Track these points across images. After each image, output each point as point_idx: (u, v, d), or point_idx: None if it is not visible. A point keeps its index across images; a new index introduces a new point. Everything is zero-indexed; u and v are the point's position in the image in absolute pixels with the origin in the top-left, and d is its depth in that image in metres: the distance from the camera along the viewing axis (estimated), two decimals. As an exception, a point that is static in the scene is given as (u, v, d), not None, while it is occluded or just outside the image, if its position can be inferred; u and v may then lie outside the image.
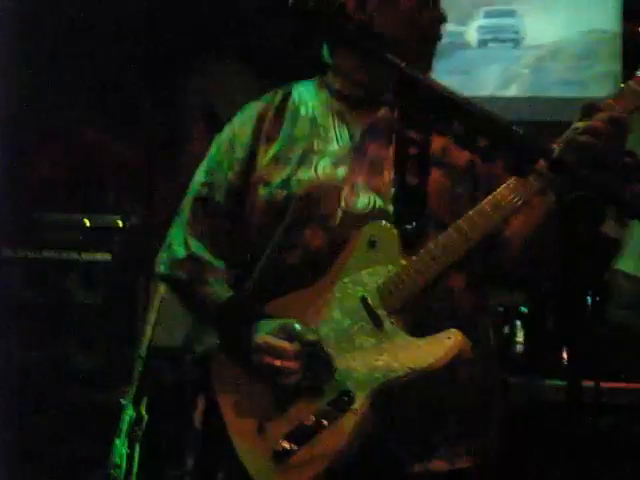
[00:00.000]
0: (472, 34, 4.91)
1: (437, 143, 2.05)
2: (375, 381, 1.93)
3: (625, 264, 3.50)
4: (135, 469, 3.87)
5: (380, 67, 1.91)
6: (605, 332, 3.56)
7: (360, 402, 1.93)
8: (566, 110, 4.82)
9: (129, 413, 3.93)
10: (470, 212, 1.92)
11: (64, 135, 5.02)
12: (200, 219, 2.20)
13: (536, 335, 3.65)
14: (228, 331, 2.12)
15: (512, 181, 1.87)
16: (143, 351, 4.03)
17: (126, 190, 5.09)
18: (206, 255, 2.17)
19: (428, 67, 2.01)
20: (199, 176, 2.23)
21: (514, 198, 1.86)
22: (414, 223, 1.99)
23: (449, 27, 4.70)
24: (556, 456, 3.30)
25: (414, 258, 1.94)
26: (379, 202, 2.03)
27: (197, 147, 6.03)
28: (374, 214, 2.02)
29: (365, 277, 1.99)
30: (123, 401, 3.95)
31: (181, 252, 2.19)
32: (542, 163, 1.44)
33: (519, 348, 3.75)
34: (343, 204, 2.03)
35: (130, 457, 3.88)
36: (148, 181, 5.63)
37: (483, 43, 4.89)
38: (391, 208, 2.02)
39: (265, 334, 2.00)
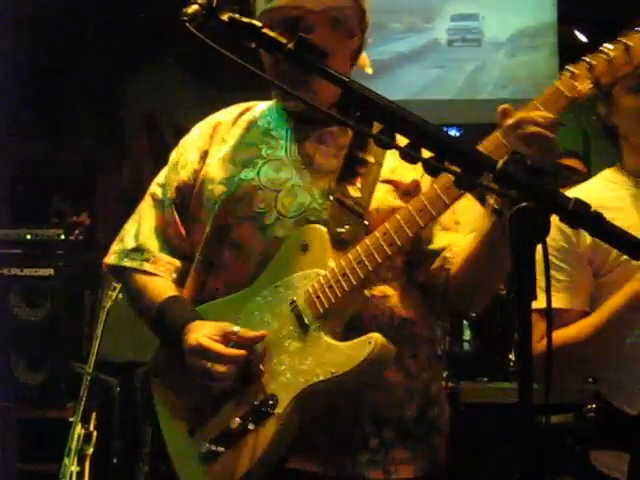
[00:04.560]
0: (442, 35, 5.60)
1: (388, 165, 2.06)
2: (299, 385, 1.93)
3: None
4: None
5: (314, 83, 1.93)
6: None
7: (283, 406, 1.93)
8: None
9: (77, 431, 3.88)
10: (396, 215, 1.91)
11: (2, 148, 4.94)
12: (152, 214, 2.23)
13: (484, 338, 3.67)
14: (163, 331, 2.12)
15: (437, 186, 1.87)
16: (90, 366, 3.98)
17: (68, 202, 5.03)
18: (153, 246, 2.19)
19: None
20: (158, 177, 2.27)
21: (439, 202, 1.86)
22: (347, 227, 1.99)
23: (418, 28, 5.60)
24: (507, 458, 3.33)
25: (340, 262, 1.94)
26: (314, 205, 2.03)
27: (137, 153, 5.99)
28: (307, 215, 2.02)
29: (296, 281, 1.99)
30: (71, 419, 3.90)
31: (130, 243, 2.21)
32: (487, 176, 1.43)
33: (468, 351, 3.78)
34: (279, 205, 2.04)
35: (80, 475, 3.84)
36: (89, 191, 5.58)
37: (451, 43, 5.61)
38: (326, 213, 2.02)
39: (201, 336, 1.98)
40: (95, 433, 3.91)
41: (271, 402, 1.94)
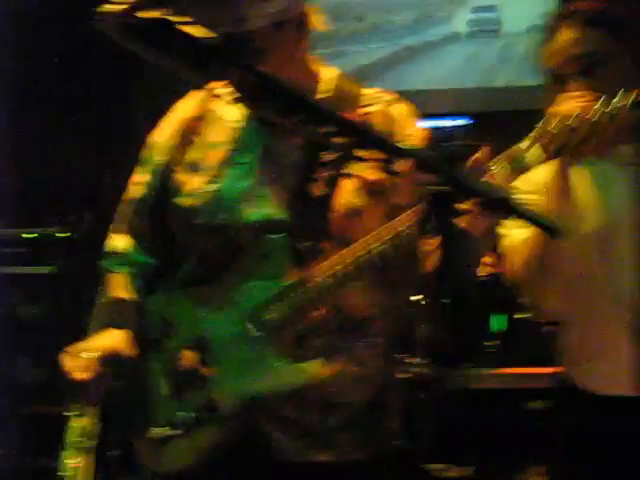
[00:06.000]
0: (462, 27, 5.82)
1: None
2: (241, 394, 2.02)
3: None
4: (86, 480, 3.85)
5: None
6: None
7: (226, 411, 2.03)
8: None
9: (76, 424, 3.91)
10: (351, 248, 1.96)
11: (3, 146, 4.98)
12: (126, 216, 2.30)
13: (461, 325, 3.69)
14: None
15: (406, 215, 1.92)
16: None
17: (70, 200, 5.07)
18: (126, 249, 2.27)
19: None
20: (134, 177, 2.32)
21: (398, 237, 1.93)
22: (309, 242, 2.03)
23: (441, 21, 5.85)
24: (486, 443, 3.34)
25: (297, 281, 1.99)
26: (277, 214, 2.06)
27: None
28: (270, 226, 2.05)
29: (252, 290, 2.04)
30: (69, 412, 3.93)
31: (108, 247, 2.31)
32: (408, 164, 1.46)
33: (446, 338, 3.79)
34: (241, 216, 2.07)
35: (81, 468, 3.86)
36: (93, 189, 5.61)
37: (471, 35, 5.81)
38: (288, 220, 2.06)
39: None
40: (96, 426, 3.94)
41: (216, 406, 2.04)
